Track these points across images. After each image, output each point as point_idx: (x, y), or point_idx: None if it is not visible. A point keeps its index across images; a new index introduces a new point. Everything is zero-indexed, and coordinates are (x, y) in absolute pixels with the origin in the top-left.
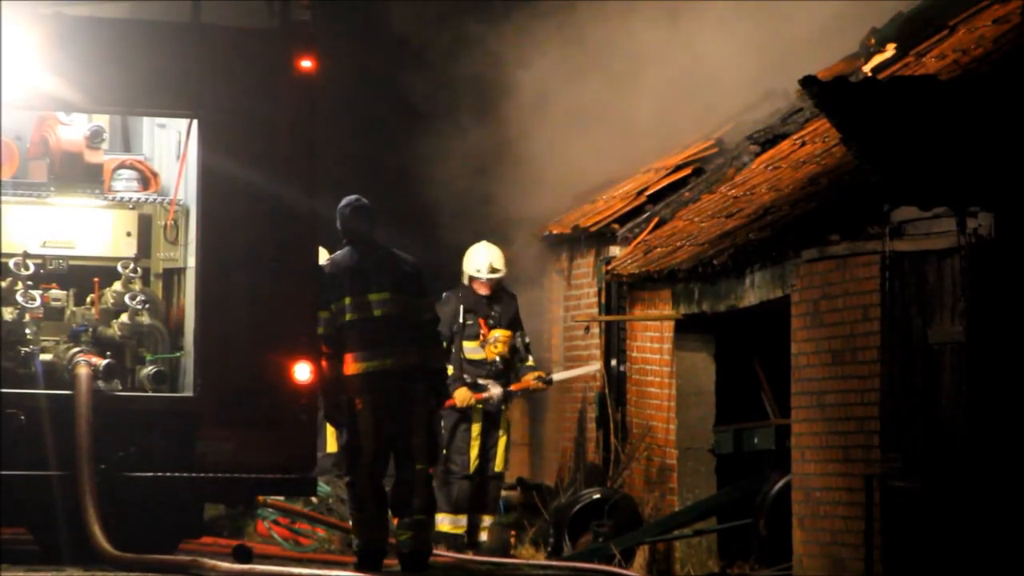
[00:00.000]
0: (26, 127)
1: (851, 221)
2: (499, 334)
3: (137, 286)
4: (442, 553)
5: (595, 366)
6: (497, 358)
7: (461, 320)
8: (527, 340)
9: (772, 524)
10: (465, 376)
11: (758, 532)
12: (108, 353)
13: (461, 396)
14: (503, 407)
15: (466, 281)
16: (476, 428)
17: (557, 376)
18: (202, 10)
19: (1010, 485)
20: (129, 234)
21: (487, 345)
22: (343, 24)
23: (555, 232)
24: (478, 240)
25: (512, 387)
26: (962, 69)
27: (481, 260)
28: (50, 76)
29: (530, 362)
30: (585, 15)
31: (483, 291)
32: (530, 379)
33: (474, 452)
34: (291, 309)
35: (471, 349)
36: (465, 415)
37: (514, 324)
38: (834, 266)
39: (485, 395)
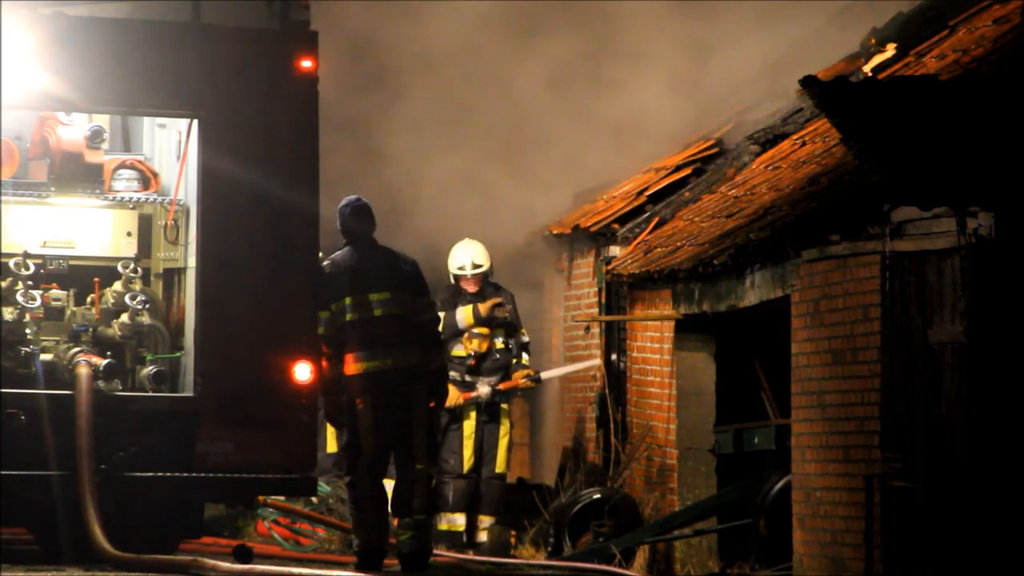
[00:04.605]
0: (26, 127)
1: (851, 221)
2: (477, 331)
3: (137, 286)
4: (442, 553)
5: (589, 363)
6: (472, 352)
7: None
8: (524, 339)
9: (772, 524)
10: (452, 373)
11: (758, 532)
12: (108, 353)
13: (450, 395)
14: (502, 405)
15: (452, 280)
16: (469, 427)
17: (546, 374)
18: (202, 10)
19: (1010, 485)
20: (129, 234)
21: (463, 340)
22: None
23: (555, 232)
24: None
25: (501, 386)
26: (962, 69)
27: (463, 257)
28: (50, 76)
29: (524, 360)
30: (587, 14)
31: (470, 288)
32: (518, 378)
33: (468, 451)
34: (291, 309)
35: (453, 346)
36: (455, 415)
37: (509, 321)
38: (834, 266)
39: (473, 394)
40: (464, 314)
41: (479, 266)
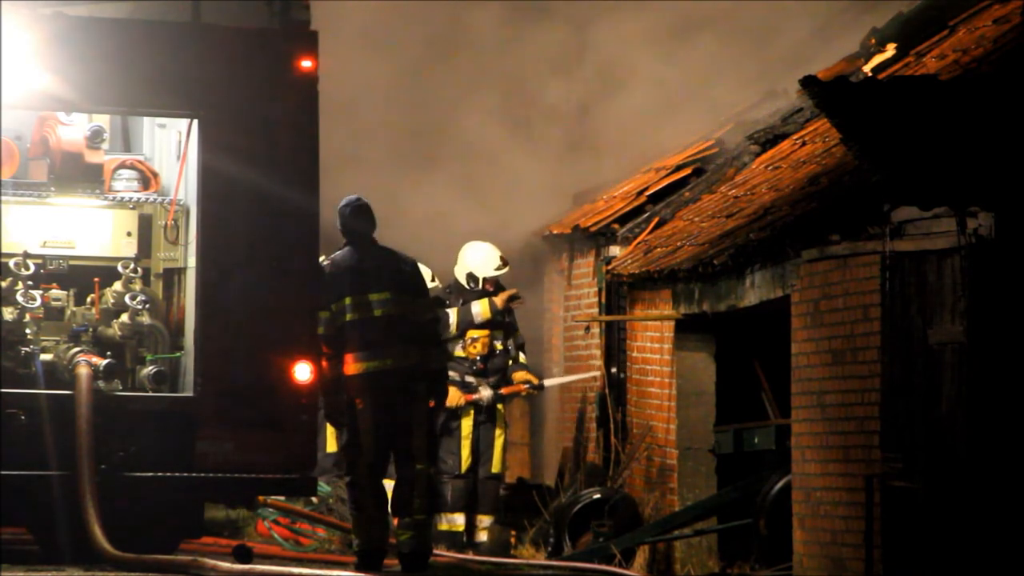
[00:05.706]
0: (26, 127)
1: (851, 221)
2: (477, 334)
3: (137, 286)
4: (442, 553)
5: (592, 373)
6: (478, 357)
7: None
8: (521, 340)
9: (772, 524)
10: (452, 374)
11: (758, 532)
12: (108, 353)
13: (450, 396)
14: (498, 406)
15: (464, 280)
16: (467, 427)
17: (549, 382)
18: (202, 10)
19: (1010, 485)
20: (129, 234)
21: (467, 344)
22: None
23: (555, 232)
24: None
25: (503, 390)
26: (962, 69)
27: (489, 258)
28: (50, 76)
29: (521, 359)
30: (585, 13)
31: (490, 288)
32: (521, 384)
33: (465, 451)
34: (291, 309)
35: (454, 347)
36: (454, 414)
37: (508, 322)
38: (834, 266)
39: (475, 396)
40: (481, 307)
41: (507, 263)
